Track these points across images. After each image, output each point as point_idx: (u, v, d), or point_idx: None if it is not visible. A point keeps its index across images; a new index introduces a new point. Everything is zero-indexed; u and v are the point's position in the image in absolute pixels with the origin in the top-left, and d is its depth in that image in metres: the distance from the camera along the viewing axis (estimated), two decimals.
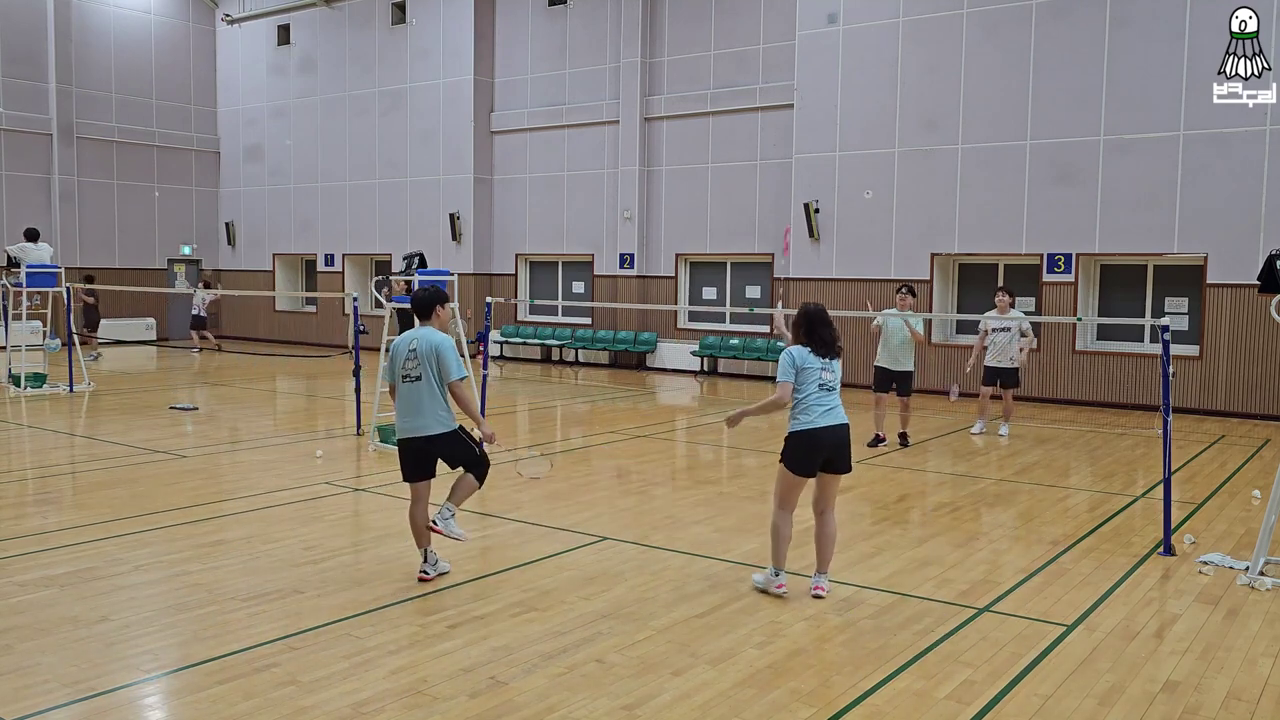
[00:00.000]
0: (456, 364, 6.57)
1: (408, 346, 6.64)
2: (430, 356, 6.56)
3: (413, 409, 6.60)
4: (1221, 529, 8.49)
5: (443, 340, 6.62)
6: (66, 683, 5.03)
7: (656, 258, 22.18)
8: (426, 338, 6.63)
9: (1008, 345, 12.99)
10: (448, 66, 24.50)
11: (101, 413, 14.73)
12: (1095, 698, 5.02)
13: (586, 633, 5.82)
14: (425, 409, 6.58)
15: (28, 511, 8.74)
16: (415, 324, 6.91)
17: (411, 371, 6.58)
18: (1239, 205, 15.27)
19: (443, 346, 6.58)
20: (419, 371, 6.56)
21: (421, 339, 6.63)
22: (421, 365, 6.57)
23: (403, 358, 6.63)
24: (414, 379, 6.57)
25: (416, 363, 6.58)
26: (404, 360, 6.61)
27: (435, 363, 6.55)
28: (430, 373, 6.55)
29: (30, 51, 25.69)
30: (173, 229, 28.71)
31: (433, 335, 6.65)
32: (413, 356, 6.60)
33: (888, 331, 12.09)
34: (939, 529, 8.45)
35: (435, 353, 6.56)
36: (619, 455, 11.91)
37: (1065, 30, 16.56)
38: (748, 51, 20.69)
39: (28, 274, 16.64)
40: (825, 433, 6.48)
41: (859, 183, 18.65)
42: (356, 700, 4.88)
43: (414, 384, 6.58)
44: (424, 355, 6.57)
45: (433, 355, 6.56)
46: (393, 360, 6.71)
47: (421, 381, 6.56)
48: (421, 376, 6.56)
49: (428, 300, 6.84)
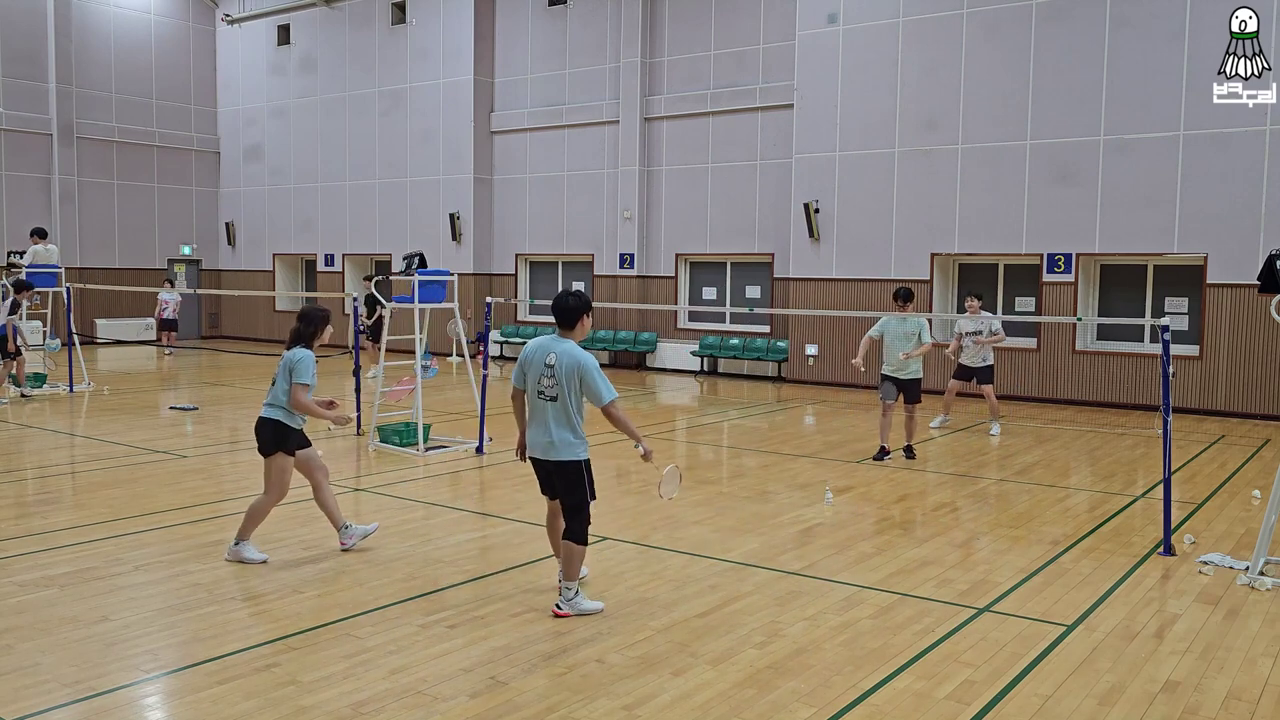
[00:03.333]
0: (607, 386, 5.97)
1: (544, 360, 6.05)
2: (572, 378, 5.98)
3: (542, 428, 6.07)
4: (1221, 529, 8.49)
5: (585, 360, 6.00)
6: (66, 683, 5.03)
7: (656, 258, 22.18)
8: (568, 354, 6.01)
9: (978, 347, 13.52)
10: (448, 66, 24.51)
11: (101, 413, 14.73)
12: (1095, 698, 5.02)
13: (586, 633, 5.82)
14: (554, 431, 6.03)
15: (28, 511, 8.73)
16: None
17: (548, 390, 6.02)
18: (1239, 205, 15.27)
19: (586, 367, 5.97)
20: (555, 391, 6.00)
21: (562, 355, 6.01)
22: (559, 385, 5.99)
23: (538, 372, 6.07)
24: (549, 398, 6.02)
25: (554, 381, 6.01)
26: (540, 376, 6.06)
27: (579, 385, 5.99)
28: (569, 394, 5.99)
29: (30, 51, 25.70)
30: (173, 229, 28.72)
31: (574, 353, 6.02)
32: (550, 374, 6.02)
33: (889, 339, 11.39)
34: (939, 529, 8.45)
35: (579, 374, 5.97)
36: (619, 455, 11.90)
37: (1065, 30, 16.56)
38: (748, 51, 20.69)
39: (28, 274, 16.63)
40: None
41: (859, 183, 18.65)
42: (356, 700, 4.88)
43: (548, 403, 6.03)
44: (564, 375, 5.98)
45: (575, 377, 5.98)
46: (525, 369, 6.16)
47: (557, 402, 6.00)
48: (558, 397, 6.00)
49: (575, 309, 6.13)
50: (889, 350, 11.47)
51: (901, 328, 11.32)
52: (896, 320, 11.32)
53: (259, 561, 7.10)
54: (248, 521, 7.19)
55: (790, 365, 19.88)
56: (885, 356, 11.54)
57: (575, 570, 6.13)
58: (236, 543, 7.18)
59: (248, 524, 7.19)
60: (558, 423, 6.03)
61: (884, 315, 11.61)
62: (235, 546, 7.17)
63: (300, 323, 7.24)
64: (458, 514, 8.76)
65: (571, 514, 6.12)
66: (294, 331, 7.25)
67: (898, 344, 11.36)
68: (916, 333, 11.30)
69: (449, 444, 12.07)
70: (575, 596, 6.13)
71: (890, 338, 11.41)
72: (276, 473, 7.16)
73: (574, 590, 6.13)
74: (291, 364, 7.07)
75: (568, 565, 6.11)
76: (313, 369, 7.09)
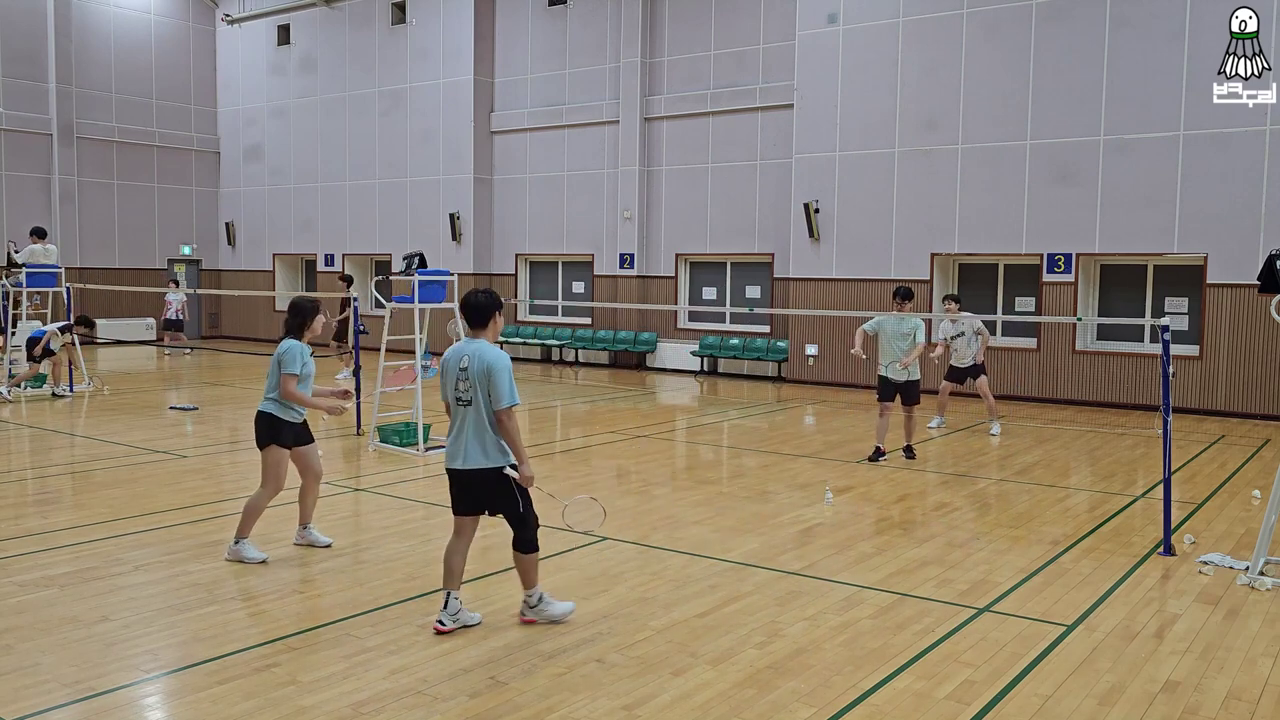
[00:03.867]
0: (511, 390, 5.73)
1: (459, 364, 5.81)
2: (484, 379, 5.71)
3: (459, 435, 5.81)
4: (1221, 529, 8.49)
5: (497, 359, 5.73)
6: (66, 683, 5.03)
7: (656, 258, 22.18)
8: (479, 354, 5.74)
9: (966, 347, 13.58)
10: (448, 66, 24.51)
11: (101, 413, 14.73)
12: (1095, 698, 5.02)
13: (586, 633, 5.82)
14: (471, 438, 5.74)
15: (28, 511, 8.73)
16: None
17: (463, 394, 5.77)
18: (1239, 205, 15.27)
19: (496, 366, 5.70)
20: (470, 395, 5.74)
21: (474, 356, 5.75)
22: (473, 387, 5.73)
23: (454, 377, 5.82)
24: (465, 403, 5.77)
25: (469, 384, 5.75)
26: (455, 380, 5.81)
27: (487, 385, 5.72)
28: (483, 397, 5.72)
29: (30, 51, 25.70)
30: (173, 229, 28.72)
31: (486, 352, 5.75)
32: (464, 377, 5.76)
33: (885, 339, 11.27)
34: (939, 529, 8.44)
35: (488, 373, 5.71)
36: (619, 455, 11.90)
37: (1065, 30, 16.56)
38: (748, 51, 20.69)
39: (28, 274, 16.64)
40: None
41: (859, 183, 18.65)
42: (356, 700, 4.88)
43: (465, 409, 5.77)
44: (476, 376, 5.72)
45: (485, 377, 5.71)
46: (444, 377, 5.92)
47: (472, 407, 5.74)
48: (473, 401, 5.74)
49: (487, 306, 5.90)
50: (884, 349, 11.36)
51: (898, 327, 11.21)
52: (894, 320, 11.20)
53: (259, 561, 7.10)
54: (246, 518, 7.19)
55: (790, 365, 19.88)
56: (881, 356, 11.44)
57: (533, 578, 5.92)
58: (236, 541, 7.18)
59: (246, 521, 7.19)
60: (476, 428, 5.72)
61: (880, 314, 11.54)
62: (235, 546, 7.17)
63: (290, 314, 7.24)
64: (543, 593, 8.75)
65: (515, 524, 5.84)
66: (285, 323, 7.24)
67: (893, 343, 11.25)
68: (912, 333, 11.21)
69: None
70: (540, 602, 5.94)
71: (886, 336, 11.29)
72: (270, 465, 7.16)
73: (537, 595, 5.94)
74: (280, 355, 7.07)
75: (523, 574, 5.91)
76: (300, 359, 7.08)
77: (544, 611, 5.93)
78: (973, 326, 13.54)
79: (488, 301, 5.89)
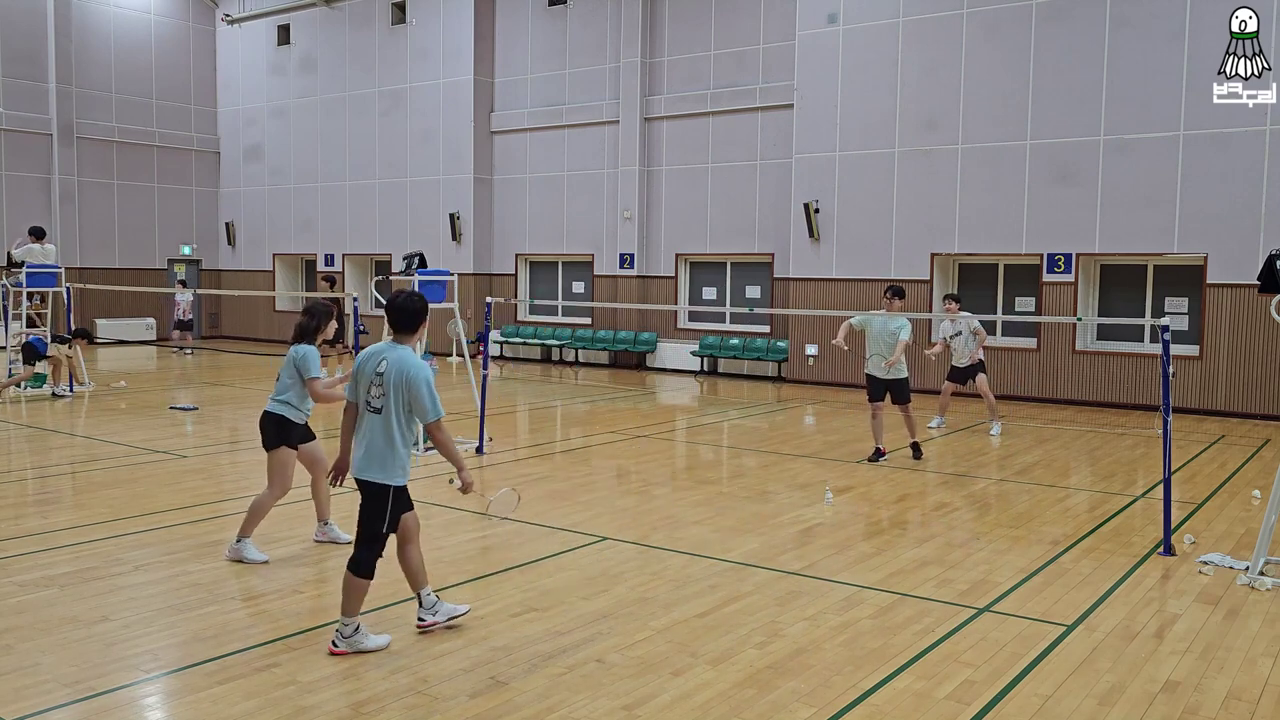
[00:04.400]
0: (434, 403, 5.34)
1: (374, 368, 5.44)
2: (400, 389, 5.35)
3: (362, 442, 5.45)
4: (1221, 529, 8.49)
5: (417, 370, 5.35)
6: (66, 683, 5.03)
7: (656, 258, 22.18)
8: (399, 361, 5.38)
9: (964, 347, 13.59)
10: (448, 66, 24.51)
11: (101, 413, 14.73)
12: (1095, 698, 5.02)
13: (586, 633, 5.82)
14: (372, 446, 5.41)
15: (28, 511, 8.73)
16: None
17: (374, 400, 5.40)
18: (1239, 205, 15.27)
19: (416, 378, 5.33)
20: (381, 402, 5.38)
21: (393, 362, 5.39)
22: (386, 395, 5.37)
23: (367, 381, 5.45)
24: (375, 410, 5.40)
25: (382, 391, 5.39)
26: (369, 384, 5.44)
27: (405, 396, 5.36)
28: (396, 407, 5.37)
29: (30, 51, 25.70)
30: (173, 229, 28.72)
31: (406, 361, 5.38)
32: (379, 382, 5.40)
33: (872, 336, 11.18)
34: (939, 529, 8.45)
35: (407, 384, 5.34)
36: (619, 455, 11.91)
37: (1065, 30, 16.56)
38: (748, 51, 20.69)
39: (28, 274, 16.63)
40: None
41: (859, 183, 18.65)
42: (356, 700, 4.88)
43: (374, 415, 5.41)
44: (392, 384, 5.36)
45: (403, 385, 5.35)
46: (357, 378, 5.55)
47: (381, 416, 5.38)
48: (383, 410, 5.37)
49: (420, 311, 5.57)
50: (870, 346, 11.30)
51: (885, 325, 11.13)
52: (882, 318, 11.12)
53: (260, 561, 7.10)
54: (250, 518, 7.19)
55: (790, 365, 19.88)
56: (867, 353, 11.39)
57: (355, 605, 5.41)
58: (238, 540, 7.19)
59: (250, 520, 7.19)
60: (380, 437, 5.38)
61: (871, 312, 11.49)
62: (237, 544, 7.18)
63: (305, 316, 7.22)
64: (458, 514, 8.76)
65: (362, 541, 5.46)
66: (299, 326, 7.22)
67: (880, 340, 11.18)
68: (897, 331, 11.11)
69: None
70: (355, 634, 5.41)
71: (873, 334, 11.23)
72: (279, 466, 7.17)
73: (353, 626, 5.41)
74: (298, 361, 7.07)
75: (347, 599, 5.40)
76: (317, 362, 7.12)
77: (358, 644, 5.40)
78: (970, 326, 13.57)
79: (419, 307, 5.54)
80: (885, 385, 11.34)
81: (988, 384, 13.75)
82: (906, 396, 11.45)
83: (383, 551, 5.52)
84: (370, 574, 5.46)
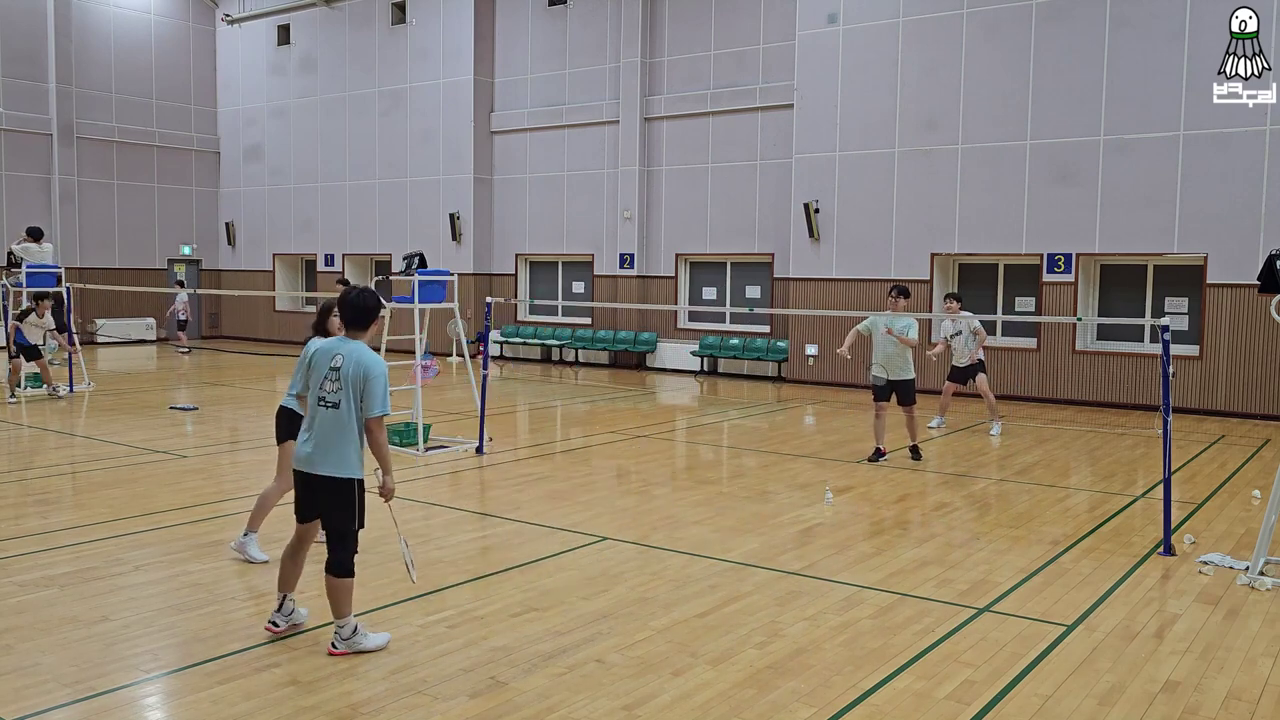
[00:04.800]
0: (385, 399, 5.44)
1: (329, 363, 5.49)
2: (358, 383, 5.41)
3: (314, 437, 5.48)
4: (1221, 529, 8.49)
5: (374, 365, 5.43)
6: (66, 683, 5.03)
7: (656, 258, 22.18)
8: (356, 356, 5.44)
9: (964, 347, 13.61)
10: (448, 66, 24.51)
11: (101, 413, 14.73)
12: (1095, 698, 5.02)
13: (586, 633, 5.82)
14: (328, 441, 5.45)
15: (28, 511, 8.73)
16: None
17: (330, 395, 5.45)
18: (1239, 205, 15.27)
19: (374, 373, 5.40)
20: (338, 397, 5.43)
21: (350, 356, 5.45)
22: (343, 390, 5.42)
23: (321, 375, 5.51)
24: (330, 405, 5.45)
25: (338, 385, 5.43)
26: (323, 379, 5.50)
27: (361, 391, 5.42)
28: (352, 401, 5.42)
29: (30, 51, 25.70)
30: (173, 229, 28.72)
31: (364, 356, 5.44)
32: (335, 377, 5.45)
33: (878, 337, 11.21)
34: (939, 529, 8.45)
35: (365, 379, 5.40)
36: (619, 455, 11.91)
37: (1065, 30, 16.56)
38: (748, 51, 20.69)
39: (28, 274, 16.63)
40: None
41: (859, 183, 18.65)
42: (356, 700, 4.88)
43: (328, 410, 5.45)
44: (349, 379, 5.41)
45: (361, 381, 5.41)
46: (308, 370, 5.61)
47: (338, 410, 5.43)
48: (340, 404, 5.43)
49: (374, 308, 5.60)
50: (877, 348, 11.31)
51: (891, 325, 11.14)
52: (888, 318, 11.15)
53: (261, 561, 7.10)
54: (257, 510, 7.20)
55: (790, 365, 19.88)
56: (874, 355, 11.38)
57: (345, 607, 5.41)
58: (245, 534, 7.17)
59: (257, 513, 7.19)
60: (336, 432, 5.41)
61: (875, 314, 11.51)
62: (242, 539, 7.17)
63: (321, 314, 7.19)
64: (458, 514, 8.76)
65: (335, 541, 5.45)
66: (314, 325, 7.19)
67: (886, 342, 11.19)
68: (904, 331, 11.14)
69: (449, 444, 12.08)
70: (354, 634, 5.42)
71: (879, 335, 11.24)
72: (287, 459, 7.15)
73: (351, 627, 5.42)
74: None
75: (335, 603, 5.41)
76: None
77: (358, 644, 5.41)
78: (970, 326, 13.58)
79: (373, 304, 5.57)
80: (890, 386, 11.34)
81: (988, 384, 13.75)
82: (912, 398, 11.44)
83: (357, 548, 5.54)
84: (351, 572, 5.46)
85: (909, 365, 11.31)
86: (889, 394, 11.38)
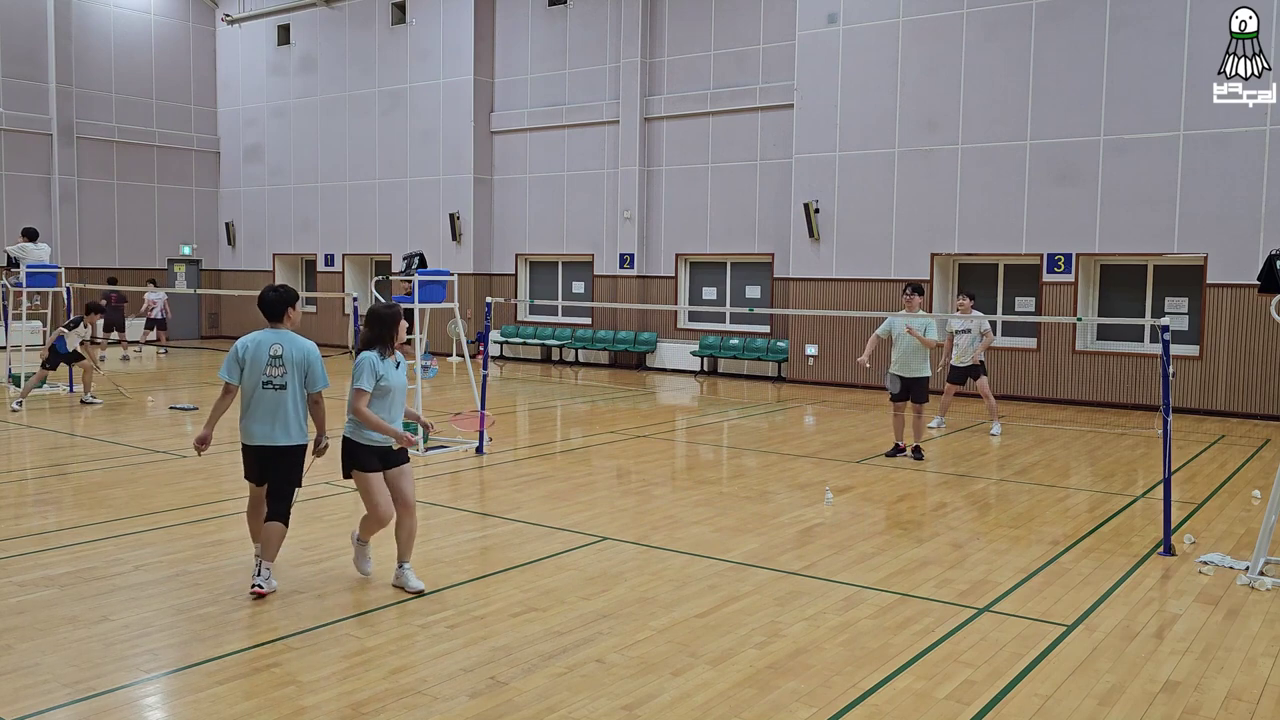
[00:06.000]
0: (324, 374, 6.48)
1: (269, 352, 6.38)
2: (302, 364, 6.40)
3: (272, 417, 6.37)
4: (1221, 529, 8.49)
5: (311, 347, 6.49)
6: (66, 683, 5.03)
7: (656, 258, 22.18)
8: (293, 343, 6.43)
9: (969, 346, 13.62)
10: (448, 66, 24.51)
11: (101, 413, 14.72)
12: (1095, 698, 5.02)
13: (586, 633, 5.82)
14: (290, 419, 6.39)
15: (28, 511, 8.73)
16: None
17: (277, 379, 6.36)
18: (1239, 205, 15.27)
19: (313, 354, 6.46)
20: (285, 379, 6.37)
21: (286, 344, 6.42)
22: (289, 372, 6.38)
23: (263, 364, 6.36)
24: (279, 386, 6.37)
25: (283, 370, 6.37)
26: (266, 367, 6.36)
27: (305, 371, 6.41)
28: (298, 381, 6.40)
29: (30, 51, 25.69)
30: (173, 229, 28.72)
31: (299, 341, 6.47)
32: (278, 364, 6.36)
33: (896, 336, 11.50)
34: (939, 529, 8.45)
35: (306, 361, 6.41)
36: (619, 455, 11.91)
37: (1065, 30, 16.56)
38: (748, 51, 20.69)
39: (28, 274, 16.63)
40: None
41: (859, 183, 18.65)
42: (356, 700, 4.88)
43: (277, 392, 6.37)
44: (293, 362, 6.38)
45: (304, 363, 6.41)
46: (245, 362, 6.39)
47: (287, 391, 6.37)
48: (288, 385, 6.37)
49: (283, 299, 6.51)
50: (896, 347, 11.55)
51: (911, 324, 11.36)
52: (905, 318, 11.38)
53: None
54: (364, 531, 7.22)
55: (790, 365, 19.88)
56: (894, 354, 11.61)
57: (275, 552, 6.46)
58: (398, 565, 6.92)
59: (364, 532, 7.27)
60: (292, 409, 6.39)
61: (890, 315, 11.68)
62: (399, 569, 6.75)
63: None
64: (458, 514, 8.77)
65: (280, 496, 6.45)
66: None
67: (904, 341, 11.44)
68: (923, 330, 11.39)
69: (449, 444, 12.08)
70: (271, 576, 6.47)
71: (897, 334, 11.50)
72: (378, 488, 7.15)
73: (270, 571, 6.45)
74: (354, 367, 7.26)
75: (269, 545, 6.42)
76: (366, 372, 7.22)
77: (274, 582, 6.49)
78: (980, 327, 13.58)
79: (283, 296, 6.50)
80: (905, 383, 11.54)
81: (988, 385, 13.76)
82: (924, 397, 11.68)
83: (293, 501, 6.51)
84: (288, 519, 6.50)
85: (925, 363, 11.56)
86: (907, 394, 11.59)
